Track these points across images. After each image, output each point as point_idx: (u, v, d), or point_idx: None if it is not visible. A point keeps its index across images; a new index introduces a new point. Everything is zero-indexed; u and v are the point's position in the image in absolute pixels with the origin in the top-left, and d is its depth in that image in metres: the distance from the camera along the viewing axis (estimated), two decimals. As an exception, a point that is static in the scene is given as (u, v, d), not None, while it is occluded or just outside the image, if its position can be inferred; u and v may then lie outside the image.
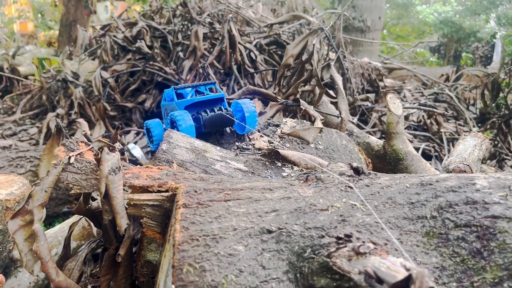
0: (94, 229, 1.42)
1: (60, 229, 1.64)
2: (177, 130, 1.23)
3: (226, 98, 1.91)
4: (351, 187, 0.80)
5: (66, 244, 1.15)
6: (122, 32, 3.40)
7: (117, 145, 0.88)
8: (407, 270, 0.57)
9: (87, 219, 1.34)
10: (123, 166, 0.89)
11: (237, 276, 0.65)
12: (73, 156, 0.83)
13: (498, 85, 3.74)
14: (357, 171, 0.86)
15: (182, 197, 0.74)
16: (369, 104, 3.27)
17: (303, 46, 1.95)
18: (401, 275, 0.55)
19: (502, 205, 0.77)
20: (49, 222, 2.12)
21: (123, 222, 0.81)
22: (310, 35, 1.93)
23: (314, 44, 1.91)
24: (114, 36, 3.39)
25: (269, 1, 4.28)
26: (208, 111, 1.30)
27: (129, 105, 3.18)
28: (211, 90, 1.47)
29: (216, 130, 1.36)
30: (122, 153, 0.94)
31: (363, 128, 3.01)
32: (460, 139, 1.32)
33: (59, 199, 2.10)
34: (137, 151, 2.44)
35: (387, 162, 1.63)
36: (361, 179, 0.83)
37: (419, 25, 7.16)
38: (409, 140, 3.03)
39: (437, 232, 0.75)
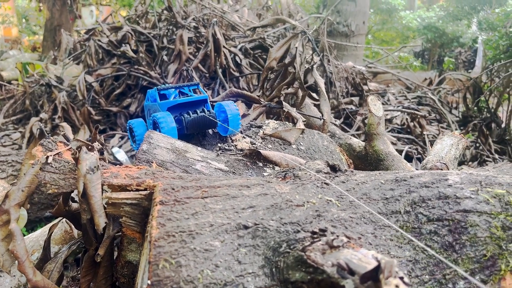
0: (75, 231, 1.41)
1: (41, 233, 1.62)
2: (159, 131, 1.22)
3: (210, 101, 1.92)
4: (327, 184, 0.81)
5: (46, 246, 1.15)
6: (107, 37, 3.39)
7: (96, 145, 0.89)
8: (378, 261, 0.58)
9: (67, 220, 1.33)
10: (102, 165, 0.89)
11: (213, 271, 0.65)
12: (51, 155, 0.83)
13: (479, 88, 3.82)
14: (333, 169, 0.87)
15: (159, 194, 0.74)
16: (353, 108, 3.31)
17: (286, 49, 1.98)
18: (371, 265, 0.57)
19: (473, 200, 0.79)
20: (31, 227, 2.09)
21: (101, 221, 0.81)
22: (292, 39, 1.96)
23: (296, 48, 1.93)
24: (99, 40, 3.37)
25: (255, 6, 4.31)
26: (190, 113, 1.29)
27: (114, 109, 3.16)
28: (194, 91, 1.47)
29: (199, 132, 1.36)
30: (101, 153, 0.94)
31: (347, 131, 3.05)
32: (438, 139, 1.35)
33: (42, 203, 2.08)
34: (121, 155, 2.43)
35: (368, 162, 1.65)
36: (337, 176, 0.85)
37: (403, 30, 7.28)
38: (392, 142, 3.08)
39: (411, 226, 0.77)
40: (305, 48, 2.07)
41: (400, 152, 2.76)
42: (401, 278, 0.57)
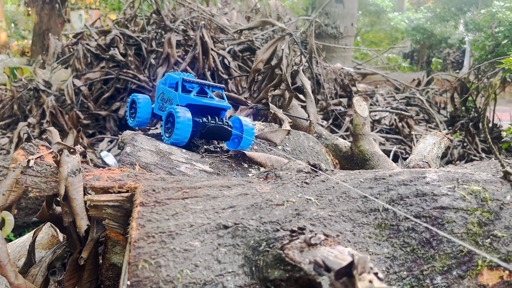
0: (61, 235, 1.41)
1: (28, 238, 1.61)
2: (170, 125, 1.18)
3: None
4: (307, 183, 0.82)
5: (30, 251, 1.14)
6: (95, 40, 3.38)
7: (78, 148, 0.89)
8: (352, 257, 0.59)
9: (52, 225, 1.32)
10: (84, 168, 0.90)
11: (193, 270, 0.66)
12: (32, 159, 0.83)
13: (466, 89, 3.86)
14: (314, 168, 0.88)
15: (140, 196, 0.75)
16: (342, 109, 3.33)
17: (273, 51, 1.99)
18: (346, 262, 0.58)
19: (450, 197, 0.81)
20: (19, 232, 2.08)
21: (83, 223, 0.81)
22: (279, 41, 1.97)
23: (283, 49, 1.94)
24: (87, 44, 3.36)
25: (244, 9, 4.33)
26: (209, 118, 1.23)
27: (103, 113, 3.15)
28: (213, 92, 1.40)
29: (210, 139, 1.31)
30: (84, 156, 0.94)
31: (336, 132, 3.07)
32: (421, 138, 1.37)
33: (29, 208, 2.07)
34: (110, 159, 2.42)
35: (354, 162, 1.67)
36: (317, 175, 0.86)
37: (391, 31, 7.34)
38: (381, 143, 3.11)
39: (389, 223, 0.78)
40: (292, 50, 2.08)
41: (388, 152, 2.79)
42: (376, 274, 0.58)
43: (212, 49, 2.69)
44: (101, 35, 3.48)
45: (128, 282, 0.64)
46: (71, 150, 0.86)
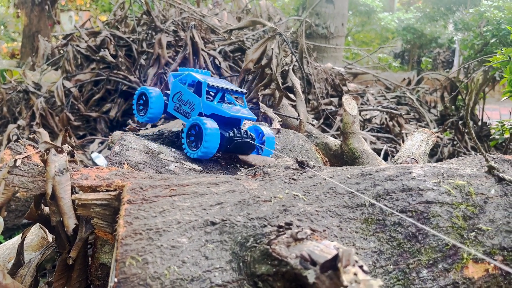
0: (50, 237, 1.40)
1: (18, 240, 1.60)
2: (193, 138, 1.11)
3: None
4: (294, 179, 0.83)
5: (19, 252, 1.14)
6: (85, 42, 3.36)
7: (66, 147, 0.89)
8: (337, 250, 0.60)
9: (41, 225, 1.32)
10: (72, 167, 0.90)
11: (180, 267, 0.66)
12: (19, 158, 0.83)
13: (456, 88, 3.90)
14: (302, 165, 0.89)
15: (127, 193, 0.75)
16: (333, 108, 3.35)
17: (263, 51, 1.99)
18: (331, 255, 0.58)
19: (435, 191, 0.82)
20: (9, 235, 2.06)
21: (70, 222, 0.81)
22: (268, 40, 1.98)
23: (273, 49, 1.95)
24: (77, 46, 3.35)
25: (234, 10, 4.34)
26: (235, 131, 1.15)
27: (94, 114, 3.14)
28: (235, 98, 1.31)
29: (233, 152, 1.23)
30: (71, 155, 0.94)
31: (327, 132, 3.08)
32: (409, 136, 1.39)
33: (19, 210, 2.05)
34: (101, 160, 2.41)
35: (344, 161, 1.68)
36: (305, 172, 0.87)
37: (382, 31, 7.39)
38: (372, 142, 3.13)
39: (375, 218, 0.79)
40: (282, 50, 2.09)
41: (379, 151, 2.80)
42: (361, 267, 0.58)
43: (202, 50, 2.69)
44: (91, 36, 3.46)
45: (115, 279, 0.64)
46: (58, 149, 0.85)
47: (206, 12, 3.85)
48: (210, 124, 1.08)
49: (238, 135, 1.15)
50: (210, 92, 1.23)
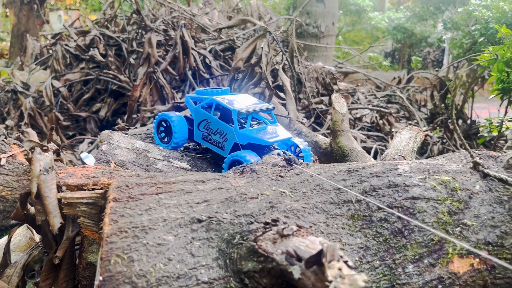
0: (37, 236, 1.39)
1: (5, 241, 1.58)
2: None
3: (177, 102, 1.92)
4: (282, 176, 0.83)
5: (6, 252, 1.13)
6: (75, 41, 3.34)
7: (51, 146, 0.88)
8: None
9: (28, 226, 1.31)
10: (58, 166, 0.89)
11: (166, 264, 0.66)
12: (4, 158, 0.82)
13: (446, 86, 3.93)
14: (289, 162, 0.89)
15: (113, 191, 0.75)
16: (324, 107, 3.36)
17: (252, 50, 2.00)
18: (316, 251, 0.59)
19: (421, 187, 0.83)
20: (-3, 236, 2.04)
21: (56, 221, 0.81)
22: (258, 39, 1.98)
23: (262, 48, 1.95)
24: (66, 45, 3.32)
25: (225, 9, 4.33)
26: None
27: (83, 114, 3.12)
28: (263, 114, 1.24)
29: None
30: (57, 154, 0.93)
31: (318, 130, 3.09)
32: (397, 133, 1.39)
33: (7, 211, 2.03)
34: (90, 160, 2.39)
35: (334, 159, 1.68)
36: (292, 169, 0.87)
37: (372, 31, 7.43)
38: (362, 140, 3.14)
39: (362, 214, 0.79)
40: (272, 48, 2.09)
41: (369, 149, 2.82)
42: (346, 262, 0.59)
43: (192, 49, 2.69)
44: (80, 36, 3.44)
45: (100, 278, 0.63)
46: (44, 148, 0.85)
47: (196, 11, 3.84)
48: (251, 157, 1.02)
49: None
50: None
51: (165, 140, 1.23)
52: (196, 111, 1.21)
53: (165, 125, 1.23)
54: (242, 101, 1.17)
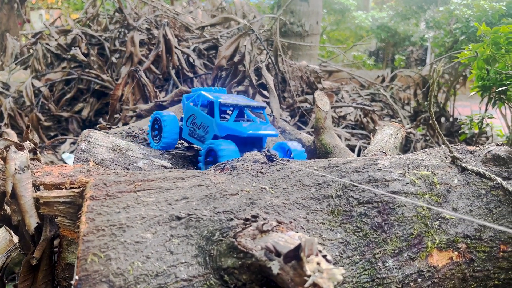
0: (16, 238, 1.36)
1: (-16, 243, 1.55)
2: (212, 161, 1.00)
3: (160, 101, 1.91)
4: (262, 173, 0.83)
5: (-18, 254, 1.10)
6: (56, 40, 3.28)
7: (27, 144, 0.86)
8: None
9: (6, 227, 1.28)
10: (35, 165, 0.87)
11: (144, 262, 0.65)
12: (-23, 156, 0.80)
13: (428, 84, 3.98)
14: (270, 158, 0.89)
15: (90, 190, 0.73)
16: (308, 106, 3.37)
17: (235, 48, 1.99)
18: (295, 245, 0.58)
19: (400, 182, 0.83)
20: (-25, 239, 1.99)
21: (32, 221, 0.79)
22: (241, 37, 1.97)
23: (245, 46, 1.94)
24: (47, 44, 3.26)
25: (209, 8, 4.31)
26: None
27: (65, 114, 3.07)
28: (255, 113, 1.20)
29: None
30: (34, 153, 0.91)
31: (303, 129, 3.10)
32: (379, 130, 1.41)
33: (-14, 213, 1.99)
34: (72, 161, 2.36)
35: (317, 156, 1.69)
36: (273, 165, 0.87)
37: (356, 30, 7.49)
38: (346, 138, 3.16)
39: (342, 209, 0.79)
40: (256, 47, 2.09)
41: (353, 147, 2.84)
42: (324, 256, 0.59)
43: (176, 47, 2.67)
44: (61, 35, 3.39)
45: (77, 277, 0.62)
46: (19, 146, 0.83)
47: (180, 10, 3.82)
48: (227, 149, 0.98)
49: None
50: (228, 112, 1.14)
51: (157, 139, 1.21)
52: (186, 107, 1.19)
53: (159, 124, 1.20)
54: (232, 97, 1.14)
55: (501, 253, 0.87)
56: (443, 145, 0.99)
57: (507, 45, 1.98)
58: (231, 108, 1.10)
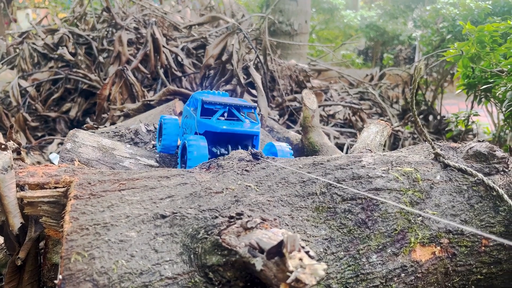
0: (1, 238, 1.35)
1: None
2: (186, 158, 0.99)
3: (147, 100, 1.90)
4: (247, 171, 0.83)
5: (-34, 255, 1.09)
6: (42, 39, 3.25)
7: (11, 144, 0.85)
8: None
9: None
10: (19, 165, 0.86)
11: (128, 261, 0.65)
12: (-40, 157, 0.79)
13: (411, 80, 4.01)
14: (255, 156, 0.89)
15: (74, 189, 0.73)
16: (297, 105, 3.38)
17: (223, 47, 1.99)
18: (277, 241, 0.59)
19: (384, 178, 0.84)
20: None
21: (15, 221, 0.79)
22: (229, 36, 1.97)
23: (233, 45, 1.95)
24: (33, 44, 3.23)
25: (198, 7, 4.30)
26: (229, 148, 1.03)
27: (52, 114, 3.04)
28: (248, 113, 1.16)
29: None
30: (18, 153, 0.90)
31: (292, 128, 3.11)
32: (365, 127, 1.42)
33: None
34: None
35: (305, 154, 1.70)
36: (258, 163, 0.87)
37: (345, 29, 7.54)
38: (335, 137, 3.18)
39: (326, 206, 0.80)
40: (244, 46, 2.09)
41: (342, 145, 2.86)
42: (307, 252, 0.59)
43: (164, 46, 2.66)
44: (48, 34, 3.35)
45: (60, 276, 0.62)
46: (2, 146, 0.82)
47: (168, 9, 3.81)
48: (196, 145, 0.97)
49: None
50: (223, 113, 1.10)
51: (160, 142, 1.20)
52: (184, 110, 1.18)
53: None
54: (224, 99, 1.13)
55: (483, 248, 0.89)
56: (426, 142, 1.00)
57: (492, 43, 2.01)
58: (220, 107, 1.08)
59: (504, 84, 1.86)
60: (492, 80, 2.00)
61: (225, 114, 1.10)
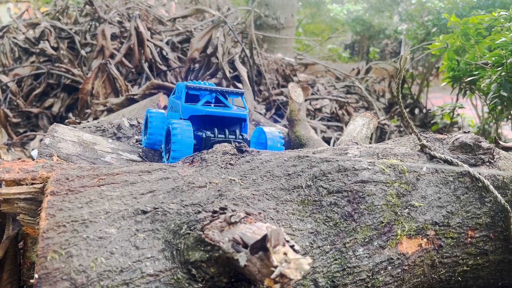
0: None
1: None
2: (170, 145, 0.97)
3: (131, 94, 1.86)
4: (232, 164, 0.81)
5: None
6: (23, 33, 3.17)
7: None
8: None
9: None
10: (-6, 161, 0.83)
11: (108, 258, 0.63)
12: None
13: (403, 77, 4.03)
14: (240, 150, 0.88)
15: (51, 185, 0.70)
16: (284, 99, 3.37)
17: (208, 40, 1.96)
18: (261, 236, 0.57)
19: (370, 171, 0.83)
20: None
21: (-10, 219, 0.75)
22: (213, 29, 1.94)
23: (218, 38, 1.92)
24: (14, 38, 3.15)
25: (183, 0, 4.25)
26: (216, 131, 1.00)
27: (35, 110, 2.98)
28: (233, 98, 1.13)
29: None
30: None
31: (279, 122, 3.10)
32: (351, 120, 1.41)
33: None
34: (42, 157, 2.29)
35: (291, 148, 1.68)
36: (243, 157, 0.85)
37: (331, 23, 7.53)
38: (322, 130, 3.18)
39: (312, 199, 0.79)
40: (230, 39, 2.07)
41: (329, 139, 2.85)
42: (292, 246, 0.58)
43: (148, 40, 2.61)
44: (29, 28, 3.28)
45: (36, 275, 0.60)
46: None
47: (153, 2, 3.75)
48: (181, 128, 0.95)
49: (221, 135, 0.99)
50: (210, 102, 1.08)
51: (145, 137, 1.17)
52: (169, 101, 1.16)
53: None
54: (211, 87, 1.09)
55: (469, 239, 0.89)
56: (412, 134, 1.00)
57: (477, 36, 2.02)
58: (207, 93, 1.06)
59: (489, 76, 1.87)
60: (476, 73, 2.01)
61: (213, 103, 1.07)
